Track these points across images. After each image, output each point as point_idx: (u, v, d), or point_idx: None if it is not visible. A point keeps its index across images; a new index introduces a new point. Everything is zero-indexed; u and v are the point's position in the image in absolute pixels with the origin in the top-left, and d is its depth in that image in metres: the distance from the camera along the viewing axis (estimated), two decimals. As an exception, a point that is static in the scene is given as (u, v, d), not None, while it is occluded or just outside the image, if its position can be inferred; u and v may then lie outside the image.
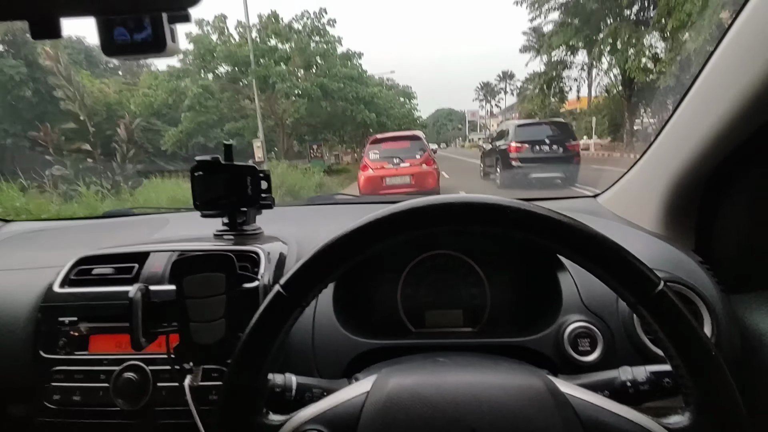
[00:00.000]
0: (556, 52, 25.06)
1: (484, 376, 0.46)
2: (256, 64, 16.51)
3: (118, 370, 0.68)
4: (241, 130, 18.64)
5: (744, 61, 0.63)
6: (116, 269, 0.76)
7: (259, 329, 0.44)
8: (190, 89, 16.34)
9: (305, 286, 0.44)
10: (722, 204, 0.80)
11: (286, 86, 16.88)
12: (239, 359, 0.44)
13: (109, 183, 9.03)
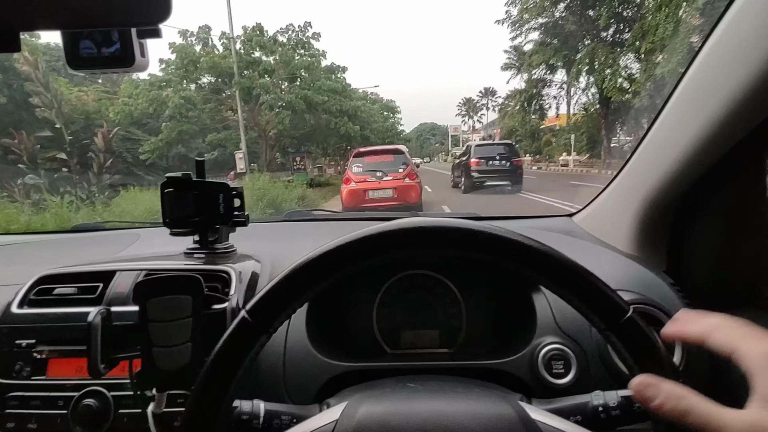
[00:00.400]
0: (536, 70, 25.78)
1: (455, 403, 0.45)
2: (240, 75, 16.48)
3: (78, 396, 0.64)
4: (224, 141, 18.50)
5: (712, 85, 0.64)
6: (79, 289, 0.72)
7: (223, 356, 0.42)
8: (171, 99, 16.16)
9: (272, 313, 0.42)
10: (692, 226, 0.82)
11: (270, 98, 16.89)
12: (202, 387, 0.42)
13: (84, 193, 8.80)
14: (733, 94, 0.60)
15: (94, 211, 7.13)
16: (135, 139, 19.09)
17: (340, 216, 1.45)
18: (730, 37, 0.61)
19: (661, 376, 0.39)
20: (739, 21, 0.58)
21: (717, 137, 0.66)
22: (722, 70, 0.62)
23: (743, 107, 0.60)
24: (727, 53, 0.62)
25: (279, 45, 18.06)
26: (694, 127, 0.68)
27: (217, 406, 0.42)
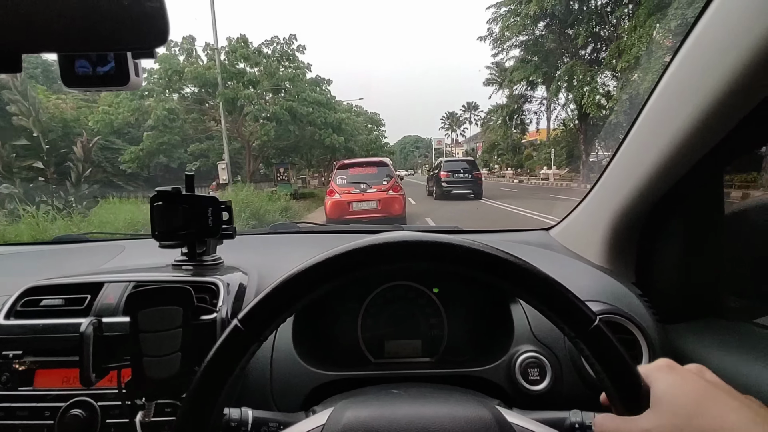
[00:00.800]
0: (517, 86, 26.40)
1: (436, 408, 0.48)
2: (224, 86, 16.40)
3: (65, 407, 0.65)
4: (206, 152, 18.31)
5: (674, 108, 0.69)
6: (67, 300, 0.73)
7: (215, 364, 0.44)
8: (155, 111, 15.96)
9: (263, 321, 0.44)
10: (658, 240, 0.87)
11: (254, 109, 16.82)
12: (194, 394, 0.44)
13: (61, 203, 8.59)
14: (693, 116, 0.65)
15: (71, 221, 6.97)
16: (114, 148, 18.76)
17: (324, 229, 1.47)
18: (689, 65, 0.66)
19: (627, 383, 0.43)
20: (697, 51, 0.64)
21: (679, 157, 0.72)
22: (683, 95, 0.68)
23: (702, 129, 0.65)
24: (686, 80, 0.67)
25: (264, 57, 18.06)
26: (658, 147, 0.73)
27: (208, 412, 0.44)
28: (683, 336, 0.79)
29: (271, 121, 17.13)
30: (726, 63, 0.57)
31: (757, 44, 0.52)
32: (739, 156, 0.74)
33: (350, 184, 8.75)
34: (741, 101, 0.58)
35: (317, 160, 23.98)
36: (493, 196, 15.33)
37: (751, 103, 0.58)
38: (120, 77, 0.56)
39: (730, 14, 0.56)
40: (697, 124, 0.65)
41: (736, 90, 0.57)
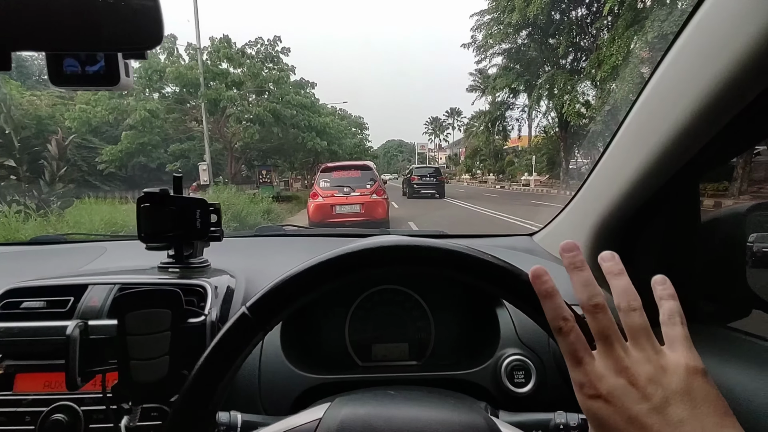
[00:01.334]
0: (500, 93, 26.82)
1: (432, 411, 0.48)
2: (207, 87, 16.18)
3: (46, 412, 0.63)
4: (187, 152, 17.99)
5: (654, 120, 0.72)
6: (49, 303, 0.71)
7: (220, 349, 0.43)
8: (135, 111, 15.60)
9: (271, 311, 0.44)
10: (638, 247, 0.90)
11: (236, 110, 16.65)
12: (197, 376, 0.43)
13: (34, 202, 8.33)
14: (672, 129, 0.68)
15: (46, 222, 6.76)
16: (91, 147, 18.27)
17: (310, 232, 1.47)
18: (668, 80, 0.69)
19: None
20: (677, 65, 0.67)
21: (658, 168, 0.74)
22: (662, 109, 0.71)
23: (681, 142, 0.68)
24: (666, 94, 0.70)
25: (247, 57, 17.90)
26: (638, 158, 0.76)
27: (209, 397, 0.44)
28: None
29: (254, 123, 16.98)
30: (703, 79, 0.59)
31: (732, 62, 0.55)
32: (714, 168, 0.78)
33: (334, 187, 8.72)
34: (716, 116, 0.61)
35: (300, 163, 23.86)
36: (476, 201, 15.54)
37: (726, 117, 0.61)
38: (110, 77, 0.55)
39: (709, 31, 0.59)
40: (675, 137, 0.68)
41: (712, 105, 0.60)
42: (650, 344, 0.39)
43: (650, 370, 0.36)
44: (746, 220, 0.80)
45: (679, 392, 0.35)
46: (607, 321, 0.39)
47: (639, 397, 0.35)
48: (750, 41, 0.52)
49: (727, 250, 0.83)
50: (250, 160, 21.14)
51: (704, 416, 0.34)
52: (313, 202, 8.59)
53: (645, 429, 0.34)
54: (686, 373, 0.36)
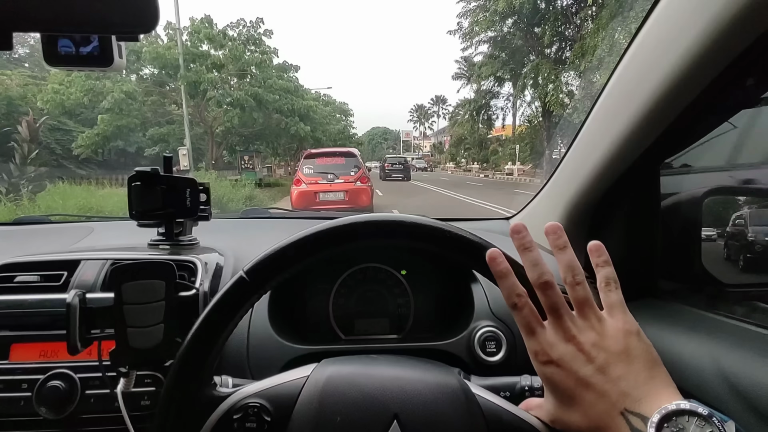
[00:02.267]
0: (485, 81, 26.85)
1: (410, 371, 0.53)
2: (187, 69, 15.80)
3: (43, 379, 0.66)
4: (166, 136, 17.61)
5: (616, 108, 0.78)
6: (43, 277, 0.74)
7: (219, 308, 0.48)
8: (111, 92, 15.14)
9: (267, 275, 0.48)
10: (604, 228, 0.97)
11: (217, 94, 16.32)
12: (197, 332, 0.48)
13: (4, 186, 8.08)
14: (633, 117, 0.74)
15: (17, 206, 6.58)
16: (66, 129, 17.74)
17: (295, 215, 1.50)
18: (629, 70, 0.75)
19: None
20: (637, 57, 0.72)
21: (621, 153, 0.81)
22: (624, 99, 0.76)
23: (640, 128, 0.74)
24: (627, 84, 0.76)
25: (229, 39, 17.52)
26: (604, 144, 0.82)
27: (207, 352, 0.48)
28: None
29: (236, 107, 16.69)
30: (658, 72, 0.65)
31: (683, 57, 0.60)
32: (671, 154, 0.84)
33: (317, 174, 8.67)
34: (670, 106, 0.67)
35: (284, 148, 23.61)
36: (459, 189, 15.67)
37: (679, 108, 0.67)
38: (103, 58, 0.57)
39: (664, 26, 0.65)
40: (635, 125, 0.74)
41: (666, 96, 0.66)
42: (593, 313, 0.45)
43: (593, 337, 0.43)
44: (702, 203, 0.87)
45: (617, 353, 0.41)
46: (555, 296, 0.45)
47: (584, 360, 0.41)
48: (699, 36, 0.57)
49: (685, 231, 0.90)
50: (232, 146, 20.83)
51: (638, 371, 0.41)
52: (297, 188, 8.54)
53: (590, 387, 0.40)
54: (623, 336, 0.42)
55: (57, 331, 0.69)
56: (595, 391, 0.40)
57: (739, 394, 0.61)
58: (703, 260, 0.88)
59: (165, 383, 0.48)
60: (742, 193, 0.88)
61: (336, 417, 0.46)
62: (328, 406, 0.47)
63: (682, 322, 0.80)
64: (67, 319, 0.56)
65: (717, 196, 0.89)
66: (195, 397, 0.48)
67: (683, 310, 0.85)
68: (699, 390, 0.67)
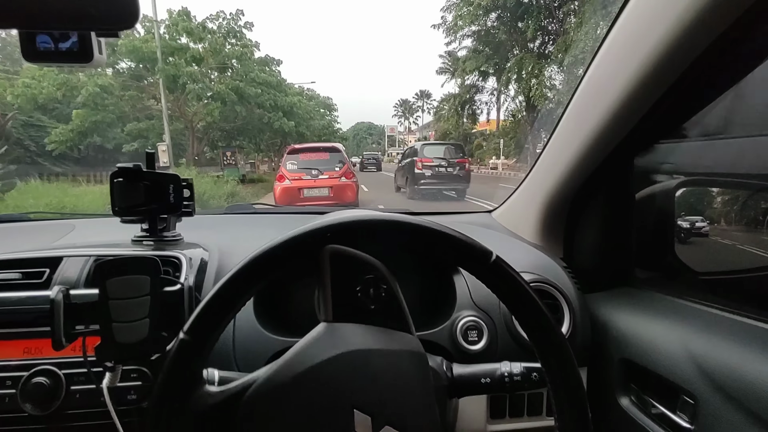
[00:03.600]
0: (469, 76, 26.97)
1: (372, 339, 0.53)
2: (165, 62, 15.47)
3: (27, 375, 0.67)
4: (145, 132, 17.23)
5: (590, 104, 0.82)
6: (24, 274, 0.74)
7: (168, 383, 0.47)
8: (85, 86, 14.72)
9: (207, 332, 0.49)
10: (580, 220, 1.00)
11: (197, 87, 16.00)
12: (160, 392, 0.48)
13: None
14: (605, 113, 0.77)
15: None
16: (40, 125, 17.23)
17: (279, 210, 1.51)
18: (602, 66, 0.78)
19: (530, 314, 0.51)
20: (608, 55, 0.76)
21: (595, 147, 0.84)
22: (597, 93, 0.80)
23: (612, 124, 0.78)
24: (599, 80, 0.79)
25: (208, 32, 17.19)
26: (579, 139, 0.85)
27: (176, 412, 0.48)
28: (600, 302, 0.93)
29: (216, 101, 16.43)
30: (630, 67, 0.69)
31: (655, 50, 0.63)
32: (643, 149, 0.88)
33: (301, 169, 8.59)
34: (643, 99, 0.71)
35: (267, 144, 23.36)
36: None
37: (647, 105, 0.71)
38: (83, 54, 0.57)
39: (637, 21, 0.68)
40: (609, 119, 0.77)
41: (638, 89, 0.69)
42: None
43: None
44: (675, 194, 0.91)
45: None
46: None
47: None
48: (668, 33, 0.61)
49: (659, 222, 0.94)
50: (213, 141, 20.51)
51: None
52: (280, 185, 8.43)
53: None
54: None
55: (40, 328, 0.69)
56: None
57: (707, 375, 0.64)
58: (677, 250, 0.92)
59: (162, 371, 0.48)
60: (713, 185, 0.93)
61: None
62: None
63: (656, 309, 0.84)
64: (52, 315, 0.57)
65: (690, 187, 0.93)
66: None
67: (656, 297, 0.89)
68: (670, 372, 0.71)
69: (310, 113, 24.39)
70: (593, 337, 0.88)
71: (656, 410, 0.75)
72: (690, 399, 0.67)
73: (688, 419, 0.67)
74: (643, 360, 0.77)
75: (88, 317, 0.61)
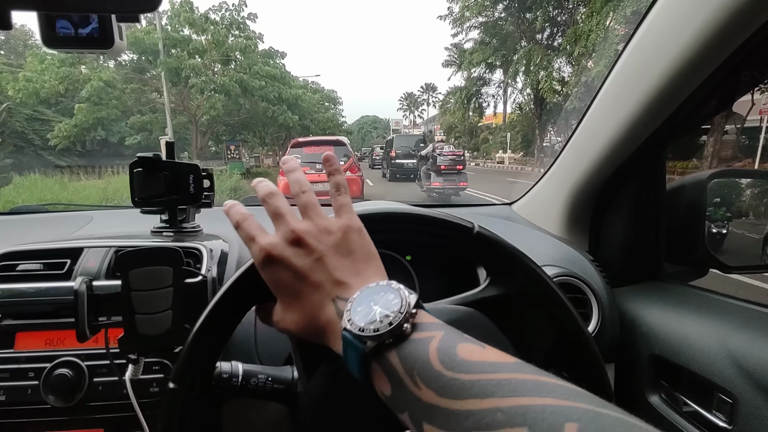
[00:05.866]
0: (476, 68, 26.80)
1: None
2: (167, 54, 15.47)
3: (50, 367, 0.67)
4: (148, 125, 17.28)
5: (622, 95, 0.80)
6: (45, 265, 0.74)
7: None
8: (90, 82, 14.70)
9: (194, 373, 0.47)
10: (608, 213, 0.99)
11: (200, 80, 16.00)
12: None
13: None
14: (638, 104, 0.76)
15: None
16: (44, 119, 17.34)
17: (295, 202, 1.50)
18: (637, 55, 0.76)
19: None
20: (644, 43, 0.74)
21: (625, 139, 0.82)
22: (630, 83, 0.78)
23: (645, 114, 0.76)
24: (634, 69, 0.77)
25: (211, 23, 17.15)
26: (609, 129, 0.83)
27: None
28: (628, 296, 0.91)
29: (219, 94, 16.42)
30: (665, 57, 0.67)
31: (694, 37, 0.62)
32: (675, 139, 0.86)
33: (305, 164, 8.51)
34: (677, 90, 0.69)
35: (271, 137, 23.37)
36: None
37: (687, 91, 0.69)
38: (103, 40, 0.56)
39: (677, 6, 0.66)
40: (641, 110, 0.76)
41: (670, 84, 0.67)
42: (317, 214, 0.47)
43: (314, 232, 0.44)
44: (707, 186, 0.89)
45: (335, 246, 0.44)
46: (278, 202, 0.47)
47: (304, 253, 0.43)
48: (706, 22, 0.59)
49: (689, 215, 0.92)
50: (217, 135, 20.55)
51: (354, 262, 0.43)
52: (283, 179, 8.29)
53: (307, 279, 0.42)
54: (343, 232, 0.45)
55: (62, 319, 0.69)
56: (311, 283, 0.42)
57: (746, 373, 0.63)
58: (707, 243, 0.91)
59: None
60: (746, 176, 0.91)
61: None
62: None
63: (687, 304, 0.82)
64: (76, 306, 0.57)
65: (721, 178, 0.91)
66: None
67: (687, 292, 0.88)
68: (705, 370, 0.69)
69: (314, 106, 24.36)
70: (622, 331, 0.86)
71: (688, 408, 0.74)
72: (727, 398, 0.65)
73: (726, 419, 0.65)
74: (675, 356, 0.75)
75: (111, 309, 0.60)
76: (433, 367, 0.32)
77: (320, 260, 0.42)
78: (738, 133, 12.77)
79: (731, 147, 12.14)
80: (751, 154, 11.78)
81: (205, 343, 0.48)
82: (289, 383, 0.58)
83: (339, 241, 0.44)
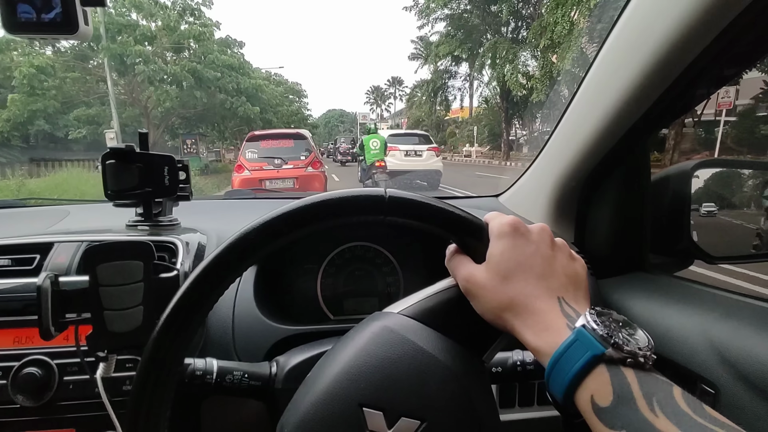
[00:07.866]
0: (442, 61, 27.10)
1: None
2: (112, 41, 14.72)
3: (18, 366, 0.66)
4: (96, 118, 16.44)
5: (603, 87, 0.81)
6: (14, 261, 0.73)
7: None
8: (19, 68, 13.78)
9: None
10: (593, 204, 1.01)
11: (149, 69, 15.29)
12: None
13: None
14: (619, 94, 0.77)
15: None
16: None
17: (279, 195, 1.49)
18: (618, 47, 0.78)
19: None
20: (625, 34, 0.76)
21: (609, 129, 0.84)
22: (611, 76, 0.80)
23: (628, 105, 0.78)
24: (614, 62, 0.79)
25: (161, 8, 16.48)
26: (592, 121, 0.85)
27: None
28: (613, 288, 0.94)
29: (171, 85, 15.82)
30: (648, 44, 0.69)
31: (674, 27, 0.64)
32: (658, 129, 0.89)
33: (262, 159, 8.23)
34: (660, 79, 0.71)
35: (232, 131, 22.77)
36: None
37: (669, 80, 0.71)
38: (67, 24, 0.56)
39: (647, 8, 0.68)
40: (624, 99, 0.78)
41: (656, 69, 0.69)
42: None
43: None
44: (691, 176, 0.93)
45: (571, 260, 0.48)
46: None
47: (550, 243, 0.48)
48: (687, 9, 0.61)
49: (674, 205, 0.96)
50: (173, 128, 19.83)
51: (582, 286, 0.48)
52: (239, 175, 8.04)
53: (549, 261, 0.46)
54: (574, 260, 0.49)
55: (30, 316, 0.68)
56: (550, 267, 0.45)
57: (729, 364, 0.64)
58: (692, 234, 0.94)
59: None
60: (731, 165, 0.95)
61: None
62: None
63: (672, 295, 0.85)
64: (39, 302, 0.54)
65: (706, 168, 0.95)
66: None
67: (672, 283, 0.91)
68: (688, 361, 0.71)
69: (277, 99, 23.95)
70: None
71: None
72: (710, 388, 0.66)
73: (708, 409, 0.68)
74: (659, 347, 0.77)
75: (79, 305, 0.58)
76: (677, 404, 0.33)
77: (563, 258, 0.47)
78: (695, 126, 13.51)
79: (690, 140, 12.84)
80: (708, 147, 12.53)
81: (167, 346, 0.45)
82: (266, 379, 0.58)
83: (574, 261, 0.49)
